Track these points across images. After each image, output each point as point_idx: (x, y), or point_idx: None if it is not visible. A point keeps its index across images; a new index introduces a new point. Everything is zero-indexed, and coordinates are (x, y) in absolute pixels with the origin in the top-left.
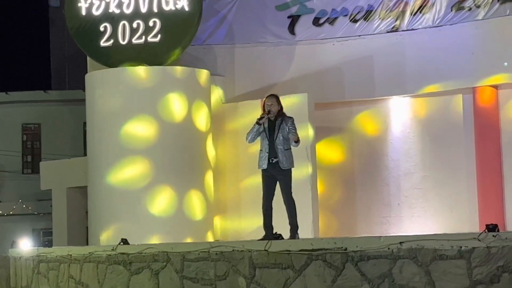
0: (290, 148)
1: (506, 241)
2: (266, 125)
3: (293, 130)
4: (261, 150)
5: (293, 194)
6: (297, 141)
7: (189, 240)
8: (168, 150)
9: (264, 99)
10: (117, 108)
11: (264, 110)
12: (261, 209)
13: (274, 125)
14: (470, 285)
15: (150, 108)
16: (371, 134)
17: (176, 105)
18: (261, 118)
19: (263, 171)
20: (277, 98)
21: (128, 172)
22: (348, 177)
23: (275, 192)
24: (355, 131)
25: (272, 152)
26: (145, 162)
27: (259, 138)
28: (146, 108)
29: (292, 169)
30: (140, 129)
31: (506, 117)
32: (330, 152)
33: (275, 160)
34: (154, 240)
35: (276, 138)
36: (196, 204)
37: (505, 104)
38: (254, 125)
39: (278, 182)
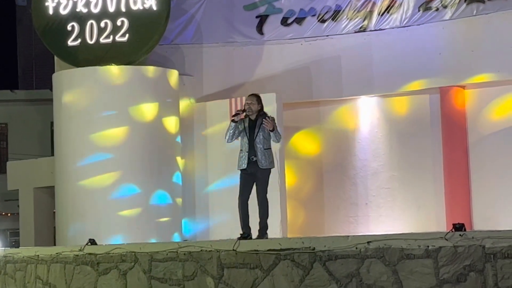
0: (270, 148)
1: (473, 240)
2: (246, 124)
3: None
4: (241, 150)
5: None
6: (272, 130)
7: (153, 241)
8: (136, 150)
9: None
10: (84, 108)
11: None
12: (237, 209)
13: (255, 124)
14: (437, 284)
15: (118, 108)
16: (339, 133)
17: (145, 105)
18: (235, 115)
19: (242, 170)
20: (257, 97)
21: (96, 172)
22: (316, 177)
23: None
24: (323, 131)
25: (251, 151)
26: (112, 162)
27: (246, 138)
28: (114, 108)
29: (272, 169)
30: (108, 129)
31: (472, 117)
32: (298, 153)
33: (255, 158)
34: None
35: (256, 137)
36: (161, 205)
37: (472, 104)
38: (230, 123)
39: (255, 182)
